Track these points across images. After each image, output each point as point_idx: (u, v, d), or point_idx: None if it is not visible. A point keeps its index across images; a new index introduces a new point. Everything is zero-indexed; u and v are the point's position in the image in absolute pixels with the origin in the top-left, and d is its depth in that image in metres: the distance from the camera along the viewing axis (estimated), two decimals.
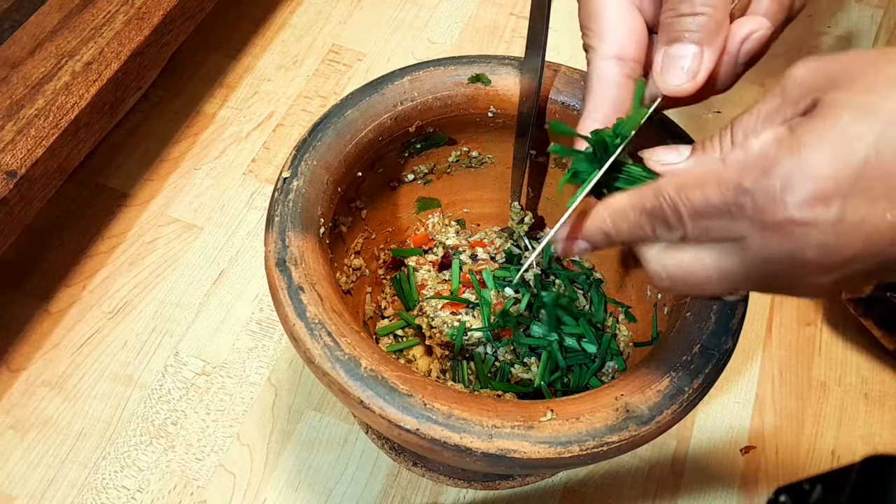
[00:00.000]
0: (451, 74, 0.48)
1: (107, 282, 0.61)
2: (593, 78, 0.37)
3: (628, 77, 0.37)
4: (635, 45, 0.37)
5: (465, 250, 0.56)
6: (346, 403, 0.37)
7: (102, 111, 0.55)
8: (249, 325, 0.60)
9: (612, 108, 0.37)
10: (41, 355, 0.58)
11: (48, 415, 0.55)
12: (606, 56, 0.37)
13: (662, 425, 0.37)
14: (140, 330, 0.59)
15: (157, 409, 0.56)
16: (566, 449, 0.35)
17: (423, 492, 0.54)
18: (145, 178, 0.67)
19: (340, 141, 0.45)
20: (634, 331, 0.52)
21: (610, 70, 0.37)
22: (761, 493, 0.55)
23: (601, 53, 0.37)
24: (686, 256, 0.30)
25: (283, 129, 0.71)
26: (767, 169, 0.26)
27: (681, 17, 0.34)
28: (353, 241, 0.51)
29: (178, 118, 0.71)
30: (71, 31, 0.56)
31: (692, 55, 0.34)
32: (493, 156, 0.53)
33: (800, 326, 0.62)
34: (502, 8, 0.82)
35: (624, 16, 0.37)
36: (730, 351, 0.39)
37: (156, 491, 0.53)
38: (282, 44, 0.77)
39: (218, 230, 0.65)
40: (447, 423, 0.35)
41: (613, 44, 0.37)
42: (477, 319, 0.52)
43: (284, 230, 0.41)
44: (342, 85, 0.74)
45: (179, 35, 0.62)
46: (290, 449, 0.55)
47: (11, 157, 0.49)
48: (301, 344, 0.38)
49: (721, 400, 0.59)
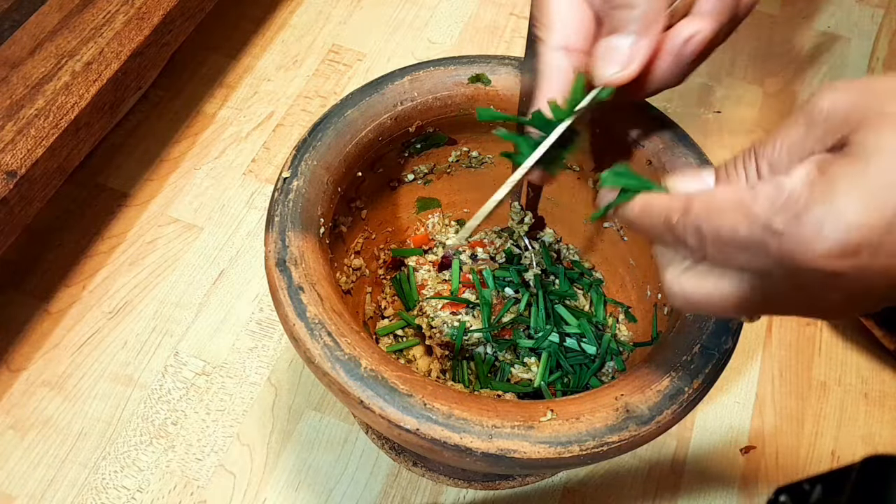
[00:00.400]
0: (451, 74, 0.48)
1: (107, 282, 0.61)
2: (542, 67, 0.38)
3: (576, 68, 0.38)
4: (582, 36, 0.38)
5: (465, 250, 0.56)
6: (346, 403, 0.37)
7: (102, 111, 0.55)
8: (249, 325, 0.60)
9: (561, 96, 0.38)
10: (41, 355, 0.58)
11: (48, 415, 0.55)
12: (555, 47, 0.38)
13: (662, 425, 0.37)
14: (140, 330, 0.59)
15: (157, 409, 0.56)
16: (566, 449, 0.35)
17: (423, 492, 0.54)
18: (145, 178, 0.67)
19: (340, 141, 0.45)
20: (634, 331, 0.52)
21: (557, 60, 0.38)
22: (761, 493, 0.55)
23: (549, 44, 0.38)
24: (706, 283, 0.30)
25: (283, 129, 0.71)
26: (799, 214, 0.26)
27: (617, 9, 0.35)
28: (353, 241, 0.51)
29: (178, 118, 0.71)
30: (71, 31, 0.56)
31: (627, 45, 0.35)
32: (493, 156, 0.53)
33: (800, 326, 0.62)
34: (502, 8, 0.82)
35: (573, 8, 0.38)
36: (730, 351, 0.39)
37: (156, 491, 0.53)
38: (282, 44, 0.77)
39: (218, 230, 0.65)
40: (447, 423, 0.35)
41: (560, 35, 0.38)
42: (477, 319, 0.52)
43: (284, 230, 0.41)
44: (342, 85, 0.74)
45: (179, 35, 0.62)
46: (290, 449, 0.55)
47: (11, 157, 0.49)
48: (301, 344, 0.38)
49: (721, 400, 0.59)
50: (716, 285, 0.29)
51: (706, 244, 0.29)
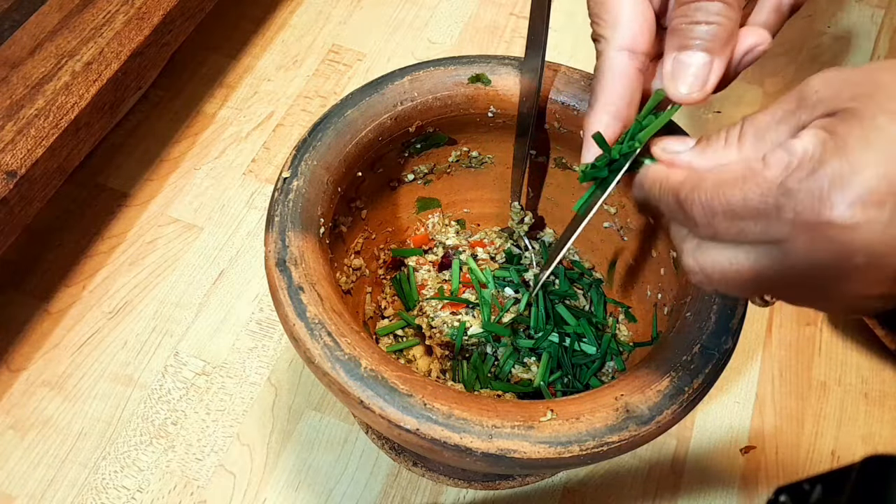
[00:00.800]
0: (451, 74, 0.48)
1: (107, 282, 0.61)
2: (605, 69, 0.36)
3: (639, 70, 0.36)
4: (647, 38, 0.36)
5: (465, 250, 0.56)
6: (346, 403, 0.37)
7: (102, 111, 0.55)
8: (249, 325, 0.60)
9: (624, 102, 0.36)
10: (41, 355, 0.58)
11: (48, 415, 0.55)
12: (619, 47, 0.36)
13: (662, 425, 0.37)
14: (140, 330, 0.59)
15: (157, 409, 0.56)
16: (566, 449, 0.35)
17: (423, 492, 0.54)
18: (145, 178, 0.67)
19: (340, 141, 0.45)
20: (634, 331, 0.52)
21: (622, 62, 0.36)
22: (761, 494, 0.55)
23: (613, 44, 0.36)
24: (721, 256, 0.29)
25: (283, 129, 0.71)
26: (815, 169, 0.25)
27: (694, 24, 0.33)
28: (353, 241, 0.51)
29: (178, 118, 0.71)
30: (71, 31, 0.56)
31: (703, 64, 0.33)
32: (493, 156, 0.53)
33: (800, 326, 0.62)
34: (502, 8, 0.82)
35: (637, 7, 0.36)
36: (730, 351, 0.39)
37: (156, 491, 0.53)
38: (282, 44, 0.77)
39: (218, 230, 0.65)
40: (447, 423, 0.35)
41: (626, 35, 0.36)
42: (477, 319, 0.52)
43: (284, 230, 0.41)
44: (342, 85, 0.74)
45: (179, 35, 0.62)
46: (290, 449, 0.55)
47: (11, 157, 0.49)
48: (301, 344, 0.38)
49: (721, 400, 0.59)
50: (731, 259, 0.28)
51: (717, 220, 0.28)
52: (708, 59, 0.33)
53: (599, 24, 0.37)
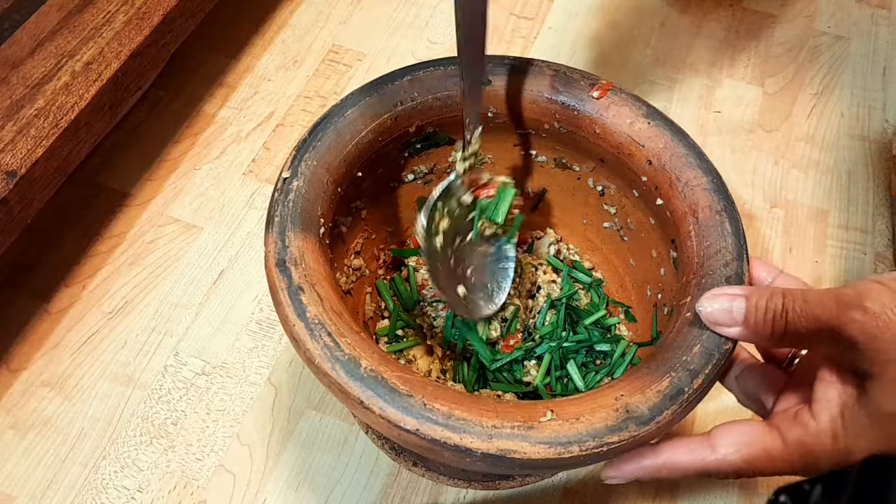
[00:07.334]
0: (451, 74, 0.48)
1: (107, 282, 0.61)
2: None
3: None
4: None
5: None
6: (346, 404, 0.37)
7: (102, 111, 0.55)
8: (249, 325, 0.60)
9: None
10: (41, 355, 0.58)
11: (48, 415, 0.55)
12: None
13: (662, 425, 0.37)
14: (140, 330, 0.59)
15: (157, 409, 0.56)
16: (566, 449, 0.35)
17: (423, 492, 0.54)
18: (145, 178, 0.67)
19: (340, 141, 0.45)
20: (634, 331, 0.52)
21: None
22: (761, 494, 0.55)
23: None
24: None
25: (283, 129, 0.71)
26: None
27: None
28: (353, 241, 0.51)
29: (178, 118, 0.71)
30: (71, 31, 0.56)
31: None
32: (493, 156, 0.53)
33: None
34: (502, 8, 0.82)
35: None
36: (730, 351, 0.39)
37: (156, 491, 0.53)
38: (282, 44, 0.77)
39: (218, 230, 0.65)
40: (447, 424, 0.35)
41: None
42: None
43: (284, 230, 0.41)
44: (342, 85, 0.74)
45: (179, 35, 0.62)
46: (290, 449, 0.55)
47: (11, 157, 0.49)
48: (301, 344, 0.38)
49: (721, 400, 0.59)
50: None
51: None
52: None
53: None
